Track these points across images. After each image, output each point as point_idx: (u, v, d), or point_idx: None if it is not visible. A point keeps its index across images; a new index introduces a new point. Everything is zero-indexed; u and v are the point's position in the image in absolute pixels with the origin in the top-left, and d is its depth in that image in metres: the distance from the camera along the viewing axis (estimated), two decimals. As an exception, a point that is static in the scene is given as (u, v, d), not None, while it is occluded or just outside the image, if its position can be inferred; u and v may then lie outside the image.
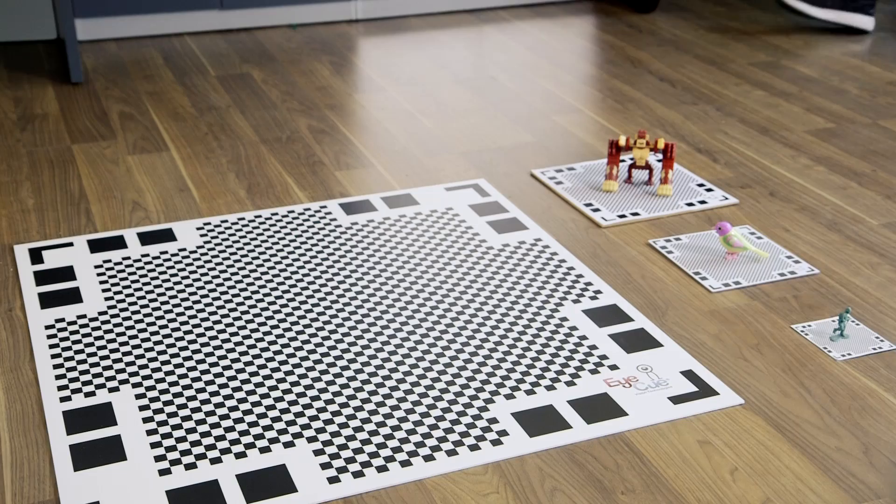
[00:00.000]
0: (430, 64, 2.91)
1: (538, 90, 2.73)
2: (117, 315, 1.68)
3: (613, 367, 1.56)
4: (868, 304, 1.74)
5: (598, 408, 1.47)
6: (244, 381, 1.51)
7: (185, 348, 1.59)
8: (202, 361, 1.56)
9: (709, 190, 2.15)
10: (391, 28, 3.25)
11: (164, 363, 1.55)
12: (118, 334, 1.62)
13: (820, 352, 1.61)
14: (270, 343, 1.60)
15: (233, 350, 1.58)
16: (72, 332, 1.63)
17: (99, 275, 1.79)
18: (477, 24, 3.30)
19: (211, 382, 1.51)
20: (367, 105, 2.61)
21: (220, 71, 2.84)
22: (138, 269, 1.82)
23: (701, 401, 1.49)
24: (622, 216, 2.03)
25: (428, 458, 1.36)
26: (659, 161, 2.25)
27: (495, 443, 1.40)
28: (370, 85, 2.75)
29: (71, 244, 1.90)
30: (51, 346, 1.59)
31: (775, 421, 1.45)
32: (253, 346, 1.59)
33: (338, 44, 3.08)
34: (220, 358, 1.56)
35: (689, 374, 1.55)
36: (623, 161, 2.26)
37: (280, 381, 1.51)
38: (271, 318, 1.67)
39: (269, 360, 1.56)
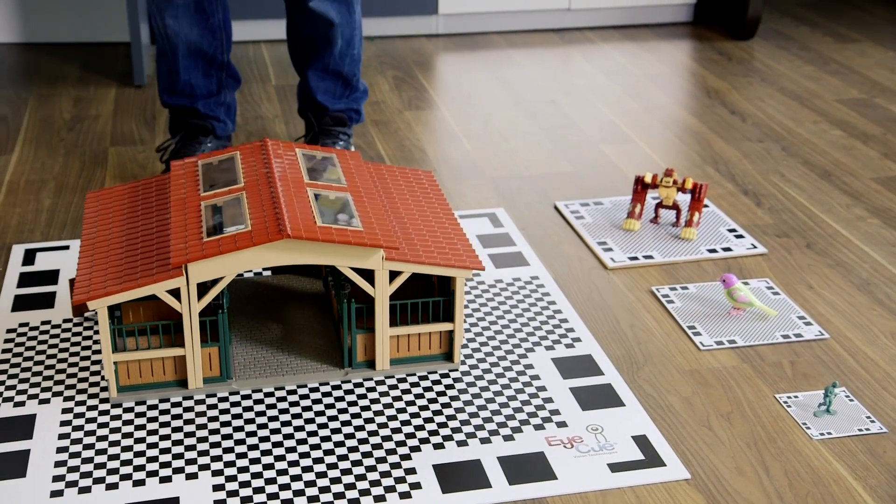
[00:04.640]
0: (494, 84, 2.83)
1: (596, 117, 2.61)
2: (80, 324, 1.67)
3: (561, 425, 1.45)
4: (872, 378, 1.57)
5: (528, 468, 1.36)
6: (178, 405, 1.47)
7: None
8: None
9: (739, 236, 1.99)
10: (470, 45, 3.17)
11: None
12: (73, 344, 1.61)
13: (797, 427, 1.45)
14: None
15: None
16: (29, 339, 1.63)
17: (80, 281, 1.79)
18: (560, 45, 3.19)
19: (142, 402, 1.48)
20: (413, 123, 2.55)
21: (281, 80, 2.83)
22: (119, 278, 1.80)
23: (643, 471, 1.36)
24: (633, 258, 1.90)
25: (327, 506, 1.29)
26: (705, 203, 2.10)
27: (404, 495, 1.31)
28: (425, 102, 2.69)
29: (67, 247, 1.91)
30: (3, 352, 1.59)
31: (718, 502, 1.31)
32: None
33: (409, 58, 3.03)
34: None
35: (641, 440, 1.42)
36: (657, 199, 2.12)
37: (211, 407, 1.47)
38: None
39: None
